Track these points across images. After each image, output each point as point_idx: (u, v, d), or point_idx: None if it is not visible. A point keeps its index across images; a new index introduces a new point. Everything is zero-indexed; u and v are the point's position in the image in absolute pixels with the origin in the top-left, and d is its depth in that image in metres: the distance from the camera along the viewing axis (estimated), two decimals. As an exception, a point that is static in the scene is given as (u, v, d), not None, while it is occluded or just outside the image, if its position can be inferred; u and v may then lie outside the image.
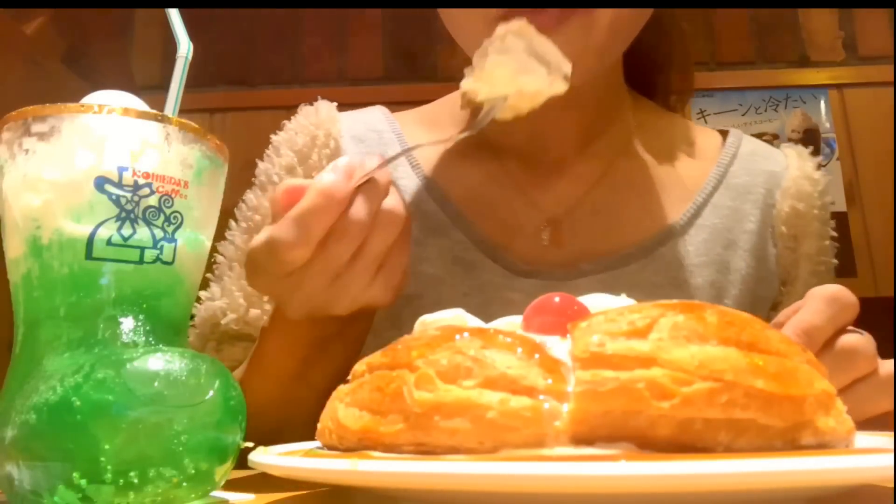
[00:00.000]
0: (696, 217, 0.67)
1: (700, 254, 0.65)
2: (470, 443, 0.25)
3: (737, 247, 0.67)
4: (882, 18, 2.16)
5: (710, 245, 0.66)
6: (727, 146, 0.72)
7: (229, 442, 0.30)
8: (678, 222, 0.66)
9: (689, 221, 0.67)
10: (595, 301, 0.33)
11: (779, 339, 0.27)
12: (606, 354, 0.25)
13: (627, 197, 0.67)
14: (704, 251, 0.65)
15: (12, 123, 0.32)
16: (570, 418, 0.24)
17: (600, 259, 0.64)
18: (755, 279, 0.66)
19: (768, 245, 0.68)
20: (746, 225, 0.68)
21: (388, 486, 0.25)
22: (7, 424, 0.29)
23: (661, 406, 0.23)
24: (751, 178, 0.70)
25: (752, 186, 0.69)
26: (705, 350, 0.24)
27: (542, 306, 0.31)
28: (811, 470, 0.20)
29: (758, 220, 0.68)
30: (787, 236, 0.68)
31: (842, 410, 0.27)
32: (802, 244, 0.68)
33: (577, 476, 0.20)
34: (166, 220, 0.33)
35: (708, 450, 0.23)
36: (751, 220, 0.68)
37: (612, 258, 0.64)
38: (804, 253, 0.68)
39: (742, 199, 0.69)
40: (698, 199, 0.68)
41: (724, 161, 0.70)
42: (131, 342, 0.31)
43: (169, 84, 0.37)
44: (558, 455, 0.24)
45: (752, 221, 0.68)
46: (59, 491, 0.27)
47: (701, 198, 0.68)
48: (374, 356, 0.31)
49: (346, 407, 0.29)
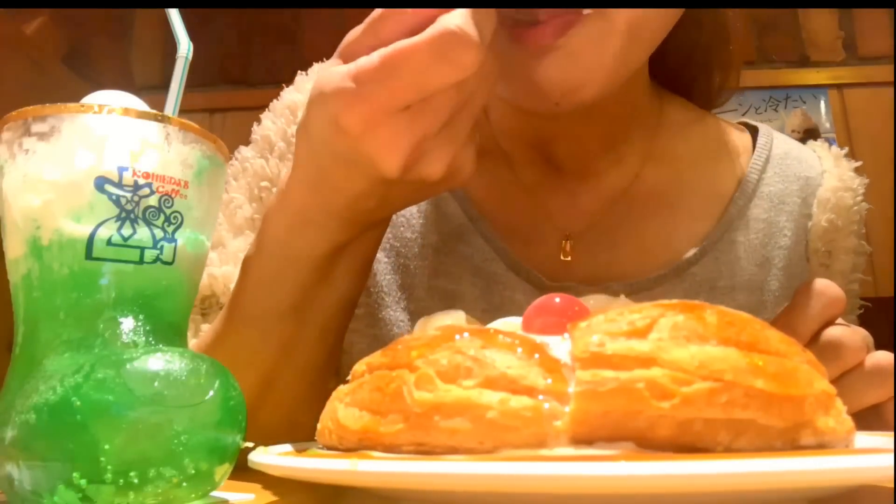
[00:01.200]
0: (729, 232, 0.61)
1: (734, 274, 0.61)
2: (470, 443, 0.25)
3: (771, 265, 0.62)
4: (882, 18, 2.17)
5: (744, 263, 0.61)
6: (759, 148, 0.66)
7: (229, 442, 0.30)
8: (710, 239, 0.61)
9: (723, 237, 0.61)
10: (595, 301, 0.33)
11: (779, 339, 0.27)
12: (606, 354, 0.25)
13: (653, 209, 0.62)
14: (738, 270, 0.61)
15: (12, 123, 0.32)
16: (570, 418, 0.24)
17: (629, 280, 0.59)
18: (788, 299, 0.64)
19: (801, 260, 0.64)
20: (781, 240, 0.63)
21: (388, 486, 0.25)
22: (7, 424, 0.29)
23: (661, 406, 0.23)
24: (785, 186, 0.64)
25: (787, 195, 0.64)
26: (705, 350, 0.25)
27: (542, 307, 0.31)
28: (811, 470, 0.20)
29: (792, 233, 0.63)
30: (822, 252, 0.64)
31: (841, 410, 0.27)
32: (836, 260, 0.64)
33: (577, 476, 0.20)
34: (166, 220, 0.33)
35: (708, 450, 0.23)
36: (785, 235, 0.63)
37: (641, 280, 0.59)
38: (838, 270, 0.64)
39: (777, 211, 0.63)
40: (732, 212, 0.62)
41: (757, 166, 0.64)
42: (131, 342, 0.31)
43: (169, 84, 0.37)
44: (558, 455, 0.24)
45: (787, 236, 0.63)
46: (59, 491, 0.27)
47: (734, 210, 0.62)
48: (374, 356, 0.31)
49: (346, 407, 0.29)
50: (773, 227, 0.63)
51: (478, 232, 0.61)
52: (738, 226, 0.62)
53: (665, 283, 0.59)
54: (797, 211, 0.64)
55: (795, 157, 0.67)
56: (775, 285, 0.62)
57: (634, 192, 0.62)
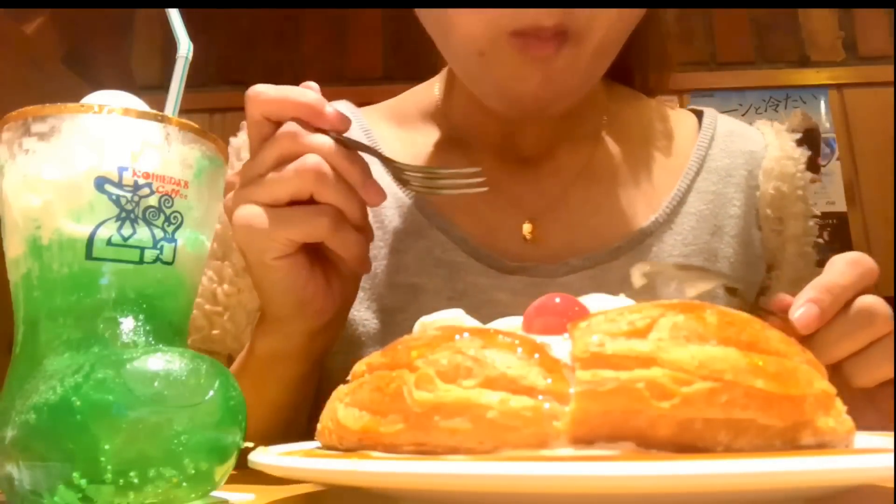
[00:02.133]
0: (681, 204, 0.65)
1: (688, 243, 0.64)
2: (470, 443, 0.25)
3: (723, 233, 0.65)
4: (882, 18, 2.16)
5: (697, 233, 0.64)
6: (704, 128, 0.70)
7: (229, 442, 0.30)
8: (664, 211, 0.64)
9: (675, 209, 0.65)
10: (595, 301, 0.33)
11: (778, 339, 0.27)
12: (606, 354, 0.25)
13: (609, 188, 0.65)
14: (692, 239, 0.64)
15: (12, 123, 0.32)
16: (570, 418, 0.24)
17: (588, 254, 0.62)
18: (743, 265, 0.65)
19: (753, 229, 0.67)
20: (731, 209, 0.66)
21: (388, 486, 0.25)
22: (7, 424, 0.29)
23: (661, 406, 0.23)
24: (731, 161, 0.68)
25: (733, 169, 0.68)
26: (705, 350, 0.25)
27: (543, 307, 0.31)
28: (811, 470, 0.20)
29: (742, 203, 0.66)
30: (772, 219, 0.67)
31: (841, 410, 0.27)
32: (788, 226, 0.67)
33: (577, 476, 0.20)
34: (166, 220, 0.33)
35: (708, 450, 0.23)
36: (735, 205, 0.66)
37: (599, 252, 0.62)
38: (790, 235, 0.67)
39: (725, 183, 0.67)
40: (682, 186, 0.66)
41: (703, 144, 0.68)
42: (131, 342, 0.31)
43: (169, 84, 0.37)
44: (558, 455, 0.24)
45: (737, 206, 0.66)
46: (59, 491, 0.27)
47: (685, 184, 0.66)
48: (374, 356, 0.31)
49: (346, 407, 0.29)
50: (722, 198, 0.66)
51: (434, 226, 0.63)
52: (690, 198, 0.66)
53: (622, 256, 0.62)
54: (744, 182, 0.67)
55: (739, 134, 0.71)
56: (729, 252, 0.65)
57: (590, 172, 0.66)
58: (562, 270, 0.61)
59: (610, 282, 0.61)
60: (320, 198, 0.46)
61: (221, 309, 0.64)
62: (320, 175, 0.46)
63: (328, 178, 0.46)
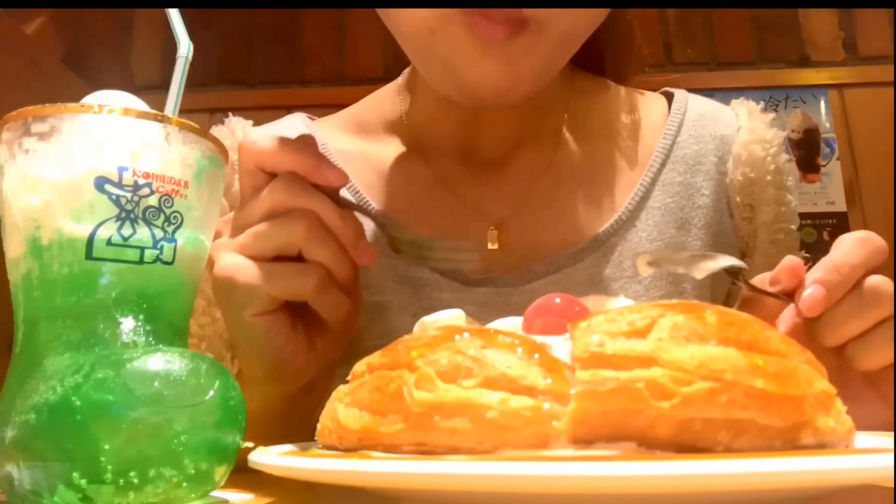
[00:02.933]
0: (645, 199, 0.63)
1: (652, 238, 0.62)
2: (470, 442, 0.25)
3: (691, 225, 0.63)
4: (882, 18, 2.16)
5: (662, 227, 0.62)
6: (673, 114, 0.67)
7: (229, 442, 0.30)
8: (626, 208, 0.62)
9: (639, 205, 0.62)
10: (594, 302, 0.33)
11: (778, 339, 0.27)
12: (606, 354, 0.25)
13: (572, 188, 0.63)
14: (657, 235, 0.62)
15: (12, 123, 0.32)
16: (570, 418, 0.24)
17: (552, 258, 0.60)
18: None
19: (724, 217, 0.64)
20: (699, 200, 0.63)
21: (388, 486, 0.25)
22: (7, 424, 0.29)
23: (661, 406, 0.23)
24: (700, 147, 0.65)
25: (703, 156, 0.65)
26: (705, 350, 0.25)
27: (543, 307, 0.31)
28: (811, 470, 0.20)
29: (711, 191, 0.64)
30: (743, 206, 0.64)
31: (841, 410, 0.27)
32: (759, 213, 0.64)
33: (577, 476, 0.20)
34: (166, 220, 0.33)
35: (708, 450, 0.23)
36: (703, 194, 0.64)
37: (563, 256, 0.60)
38: (761, 222, 0.64)
39: (692, 173, 0.64)
40: (645, 180, 0.63)
41: (671, 131, 0.66)
42: (131, 342, 0.31)
43: (169, 84, 0.37)
44: (558, 455, 0.24)
45: (706, 195, 0.64)
46: (59, 491, 0.27)
47: (648, 178, 0.63)
48: (374, 356, 0.31)
49: (346, 407, 0.29)
50: (689, 188, 0.64)
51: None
52: (654, 192, 0.63)
53: (586, 258, 0.60)
54: (714, 170, 0.65)
55: (711, 117, 0.68)
56: (697, 244, 0.63)
57: (554, 173, 0.64)
58: (526, 278, 0.60)
59: (575, 285, 0.60)
60: (309, 255, 0.45)
61: (197, 340, 0.62)
62: (311, 231, 0.44)
63: (319, 234, 0.44)
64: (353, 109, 0.72)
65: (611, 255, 0.61)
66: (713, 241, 0.63)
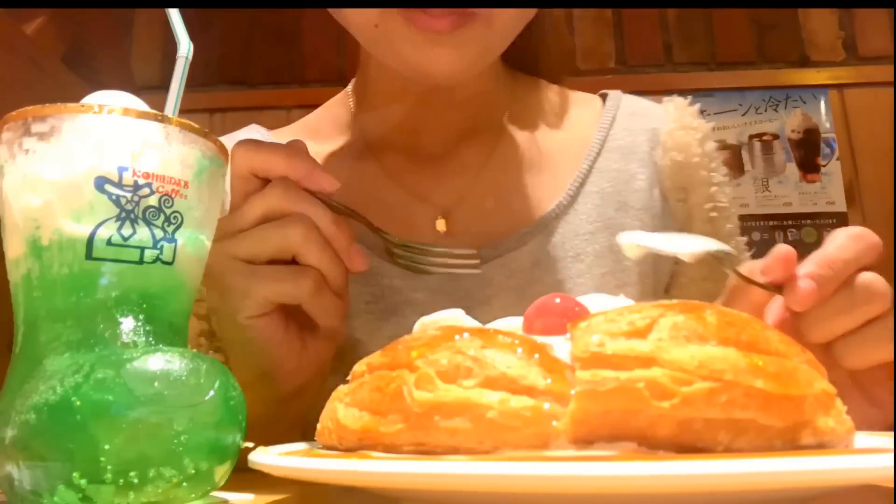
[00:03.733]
0: (583, 185, 0.66)
1: (592, 220, 0.65)
2: (470, 442, 0.25)
3: (629, 207, 0.66)
4: (882, 18, 2.16)
5: (601, 210, 0.65)
6: (606, 109, 0.71)
7: (229, 442, 0.30)
8: (567, 193, 0.66)
9: (578, 190, 0.66)
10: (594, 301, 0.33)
11: (778, 340, 0.27)
12: (606, 354, 0.25)
13: (515, 176, 0.66)
14: (596, 216, 0.65)
15: (12, 123, 0.32)
16: (570, 418, 0.24)
17: (498, 242, 0.63)
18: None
19: (660, 201, 0.68)
20: (635, 184, 0.67)
21: (388, 486, 0.25)
22: (7, 424, 0.29)
23: (661, 406, 0.23)
24: (633, 138, 0.69)
25: (636, 146, 0.69)
26: (705, 350, 0.25)
27: (543, 307, 0.31)
28: (811, 470, 0.20)
29: (646, 177, 0.67)
30: (675, 189, 0.67)
31: (841, 410, 0.27)
32: (691, 195, 0.67)
33: (578, 476, 0.20)
34: (166, 220, 0.33)
35: (708, 450, 0.23)
36: (639, 179, 0.67)
37: (509, 240, 0.63)
38: (694, 203, 0.67)
39: (627, 161, 0.68)
40: (583, 167, 0.67)
41: (605, 125, 0.70)
42: (131, 342, 0.31)
43: (169, 84, 0.37)
44: (559, 455, 0.24)
45: (641, 180, 0.67)
46: (59, 491, 0.27)
47: (586, 165, 0.67)
48: (374, 356, 0.31)
49: (346, 407, 0.29)
50: (625, 174, 0.67)
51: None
52: (591, 178, 0.67)
53: (531, 240, 0.63)
54: (647, 158, 0.68)
55: (642, 113, 0.72)
56: (636, 224, 0.66)
57: (495, 163, 0.67)
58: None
59: (521, 268, 0.62)
60: (304, 259, 0.45)
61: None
62: (308, 235, 0.45)
63: (315, 239, 0.45)
64: (306, 119, 0.75)
65: (553, 237, 0.64)
66: (652, 223, 0.66)
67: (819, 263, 0.41)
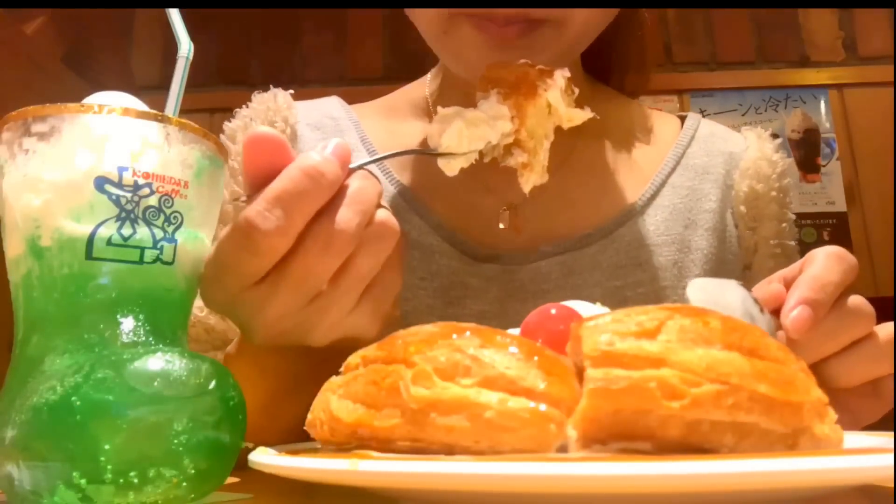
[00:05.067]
0: (654, 198, 0.67)
1: (660, 233, 0.65)
2: (466, 441, 0.24)
3: (697, 226, 0.66)
4: (882, 18, 2.17)
5: (669, 224, 0.66)
6: (685, 129, 0.72)
7: (229, 442, 0.30)
8: (637, 203, 0.66)
9: (648, 202, 0.67)
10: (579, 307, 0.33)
11: (776, 347, 0.27)
12: (617, 353, 0.25)
13: (586, 180, 0.67)
14: (664, 230, 0.65)
15: (12, 123, 0.32)
16: (581, 416, 0.24)
17: (559, 241, 0.63)
18: (718, 260, 0.66)
19: (729, 225, 0.68)
20: (706, 204, 0.67)
21: (389, 486, 0.25)
22: (7, 424, 0.29)
23: (672, 406, 0.23)
24: (709, 159, 0.70)
25: (711, 167, 0.70)
26: (711, 353, 0.25)
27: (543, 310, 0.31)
28: (812, 470, 0.20)
29: (718, 199, 0.68)
30: (747, 217, 0.68)
31: (834, 418, 0.27)
32: (761, 227, 0.68)
33: (581, 476, 0.20)
34: (166, 220, 0.33)
35: (714, 451, 0.24)
36: (710, 200, 0.68)
37: (570, 240, 0.64)
38: (762, 235, 0.68)
39: (701, 179, 0.69)
40: (656, 180, 0.68)
41: (682, 143, 0.71)
42: (131, 342, 0.31)
43: (169, 84, 0.37)
44: (561, 456, 0.24)
45: (713, 201, 0.68)
46: (59, 491, 0.27)
47: (659, 179, 0.68)
48: (370, 349, 0.30)
49: (339, 399, 0.29)
50: (697, 192, 0.68)
51: (412, 210, 0.65)
52: (663, 192, 0.68)
53: (593, 244, 0.64)
54: (721, 180, 0.69)
55: (721, 136, 0.73)
56: (703, 244, 0.66)
57: (569, 166, 0.67)
58: (532, 257, 0.63)
59: (580, 268, 0.62)
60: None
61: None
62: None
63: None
64: (386, 98, 0.76)
65: (617, 244, 0.64)
66: (718, 245, 0.67)
67: (812, 288, 0.42)
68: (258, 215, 0.35)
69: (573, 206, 0.66)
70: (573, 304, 0.34)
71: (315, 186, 0.36)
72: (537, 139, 0.48)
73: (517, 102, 0.46)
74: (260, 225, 0.35)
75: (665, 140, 0.72)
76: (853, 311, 0.42)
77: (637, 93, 0.77)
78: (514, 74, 0.46)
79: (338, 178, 0.37)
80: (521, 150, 0.48)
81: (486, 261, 0.62)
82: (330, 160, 0.37)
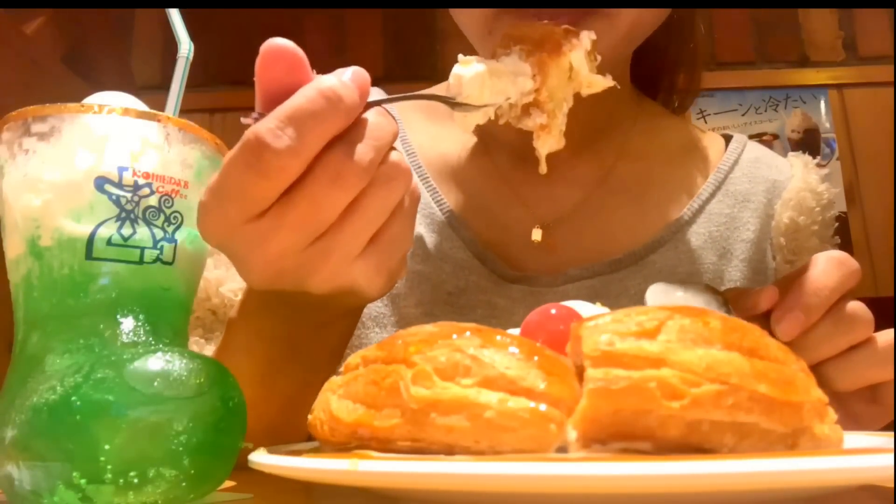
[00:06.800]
0: (690, 224, 0.65)
1: (692, 262, 0.63)
2: (466, 441, 0.24)
3: (732, 256, 0.64)
4: (882, 18, 2.17)
5: (702, 253, 0.64)
6: (729, 151, 0.70)
7: (229, 442, 0.30)
8: (670, 229, 0.64)
9: (683, 228, 0.64)
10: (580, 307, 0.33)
11: (776, 347, 0.27)
12: (617, 353, 0.25)
13: (622, 201, 0.65)
14: (696, 259, 0.63)
15: (12, 123, 0.32)
16: (581, 416, 0.24)
17: (589, 264, 0.62)
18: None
19: (767, 257, 0.66)
20: (744, 234, 0.65)
21: (389, 486, 0.25)
22: (7, 424, 0.29)
23: (672, 406, 0.23)
24: (752, 186, 0.67)
25: (753, 194, 0.67)
26: (711, 353, 0.25)
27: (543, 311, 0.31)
28: (812, 470, 0.20)
29: (756, 229, 0.65)
30: (787, 249, 0.65)
31: (834, 419, 0.27)
32: (800, 260, 0.65)
33: (578, 476, 0.20)
34: (166, 220, 0.33)
35: (714, 451, 0.24)
36: (749, 229, 0.65)
37: (600, 264, 0.62)
38: None
39: (741, 207, 0.66)
40: (694, 205, 0.65)
41: (725, 167, 0.68)
42: (131, 342, 0.31)
43: (169, 84, 0.37)
44: (561, 456, 0.24)
45: (751, 230, 0.65)
46: (59, 491, 0.27)
47: (697, 204, 0.65)
48: (370, 349, 0.30)
49: (339, 399, 0.29)
50: (736, 221, 0.66)
51: (448, 223, 0.64)
52: (700, 219, 0.65)
53: (622, 269, 0.62)
54: (762, 209, 0.66)
55: (766, 162, 0.70)
56: (737, 275, 0.64)
57: (607, 186, 0.66)
58: (560, 280, 0.61)
59: (607, 293, 0.61)
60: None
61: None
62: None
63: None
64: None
65: (647, 270, 0.62)
66: (753, 276, 0.64)
67: (807, 292, 0.42)
68: (269, 133, 0.32)
69: (607, 228, 0.64)
70: (573, 304, 0.34)
71: (332, 110, 0.33)
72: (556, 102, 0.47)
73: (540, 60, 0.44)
74: (271, 143, 0.32)
75: (708, 161, 0.69)
76: (850, 315, 0.42)
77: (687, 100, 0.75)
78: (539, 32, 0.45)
79: (356, 106, 0.35)
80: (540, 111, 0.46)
81: (514, 281, 0.61)
82: (349, 86, 0.35)
